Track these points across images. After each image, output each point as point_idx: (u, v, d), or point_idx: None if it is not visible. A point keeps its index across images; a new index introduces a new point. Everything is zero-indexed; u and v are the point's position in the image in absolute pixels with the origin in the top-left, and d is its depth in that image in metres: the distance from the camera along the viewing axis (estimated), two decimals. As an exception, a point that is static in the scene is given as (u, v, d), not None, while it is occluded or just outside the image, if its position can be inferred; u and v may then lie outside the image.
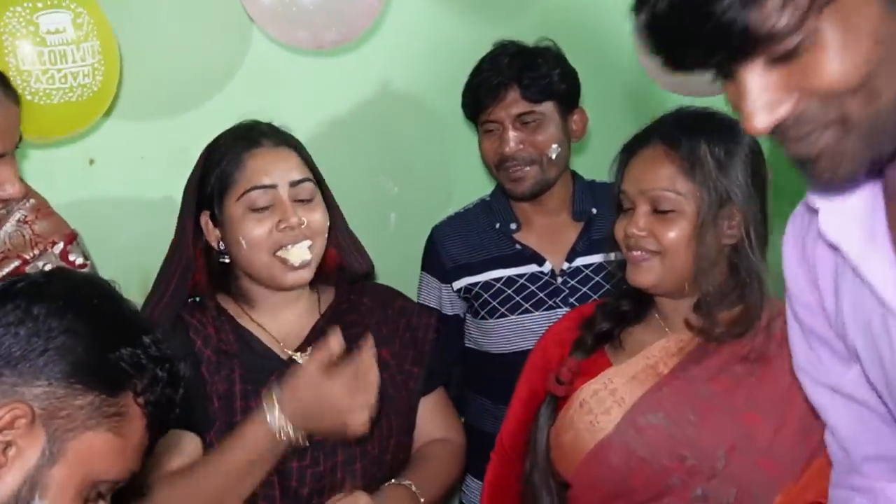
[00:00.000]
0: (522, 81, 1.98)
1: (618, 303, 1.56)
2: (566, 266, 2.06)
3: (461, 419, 1.86)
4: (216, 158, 1.57)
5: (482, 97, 2.02)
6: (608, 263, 1.61)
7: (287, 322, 1.61)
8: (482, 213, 2.13)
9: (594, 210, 2.08)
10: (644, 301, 1.54)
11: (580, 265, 2.05)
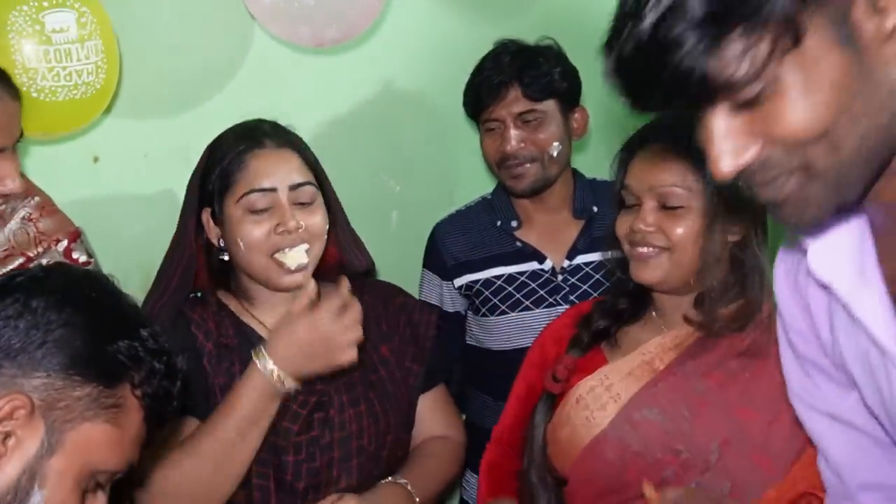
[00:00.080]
0: (523, 80, 1.98)
1: (615, 301, 1.56)
2: (567, 264, 2.06)
3: (462, 416, 1.86)
4: (218, 157, 1.57)
5: (483, 96, 2.02)
6: (608, 261, 1.61)
7: (287, 319, 1.63)
8: (483, 211, 2.14)
9: (595, 208, 2.09)
10: (642, 299, 1.54)
11: (581, 263, 2.06)
